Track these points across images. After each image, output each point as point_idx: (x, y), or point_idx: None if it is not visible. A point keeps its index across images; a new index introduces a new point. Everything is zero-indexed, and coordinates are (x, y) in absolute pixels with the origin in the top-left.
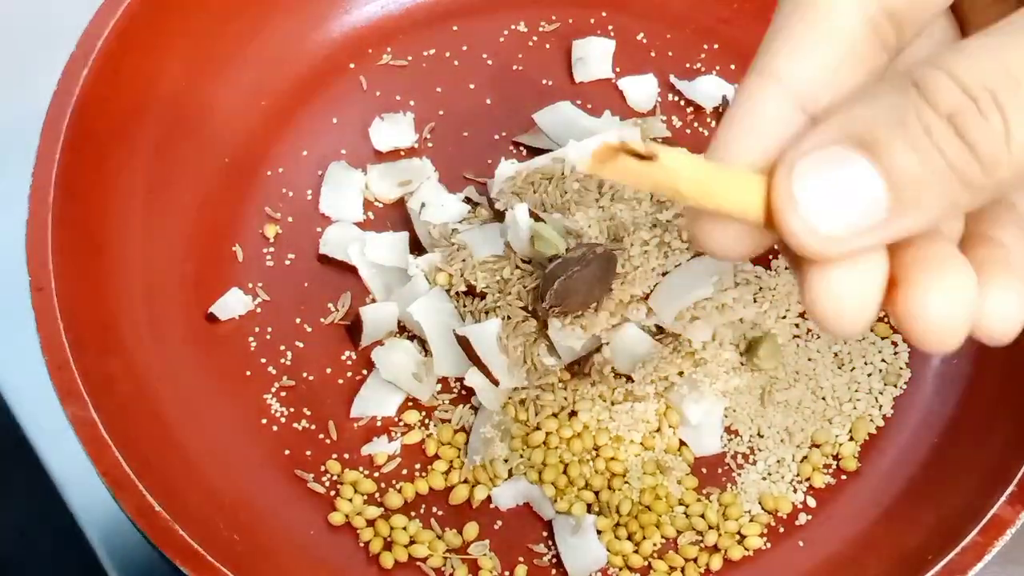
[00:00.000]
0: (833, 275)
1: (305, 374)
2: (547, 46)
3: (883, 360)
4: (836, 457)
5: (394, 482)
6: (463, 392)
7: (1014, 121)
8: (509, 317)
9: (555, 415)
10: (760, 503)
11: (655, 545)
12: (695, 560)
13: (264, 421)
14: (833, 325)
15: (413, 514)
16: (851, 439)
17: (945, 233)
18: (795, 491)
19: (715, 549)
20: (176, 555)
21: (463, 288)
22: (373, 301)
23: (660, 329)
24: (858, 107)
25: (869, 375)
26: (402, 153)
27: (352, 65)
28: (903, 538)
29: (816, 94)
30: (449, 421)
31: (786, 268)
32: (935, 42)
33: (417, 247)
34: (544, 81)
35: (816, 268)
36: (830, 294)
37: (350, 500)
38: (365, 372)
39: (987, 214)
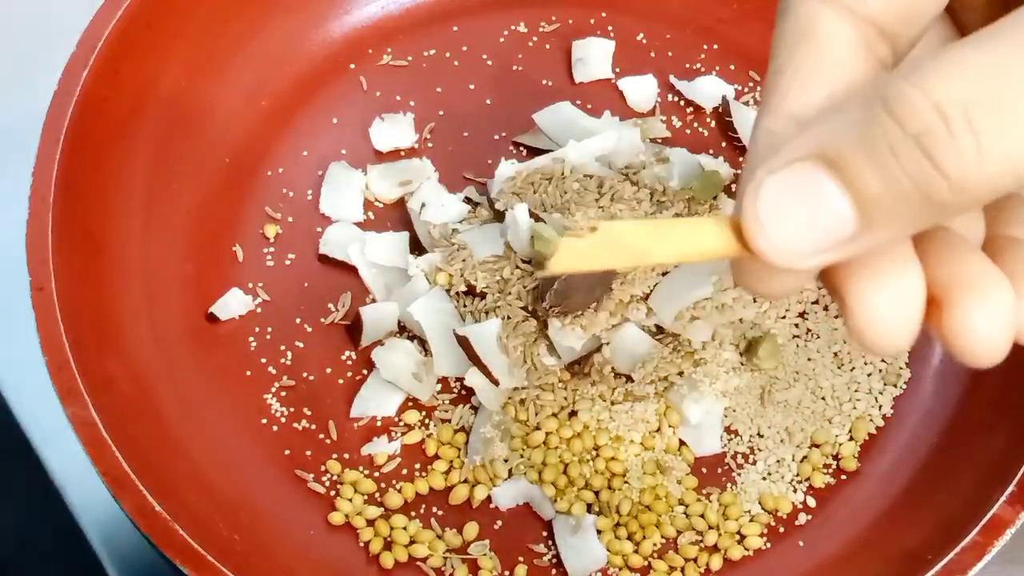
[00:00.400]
0: (873, 301)
1: (305, 374)
2: (547, 46)
3: (883, 360)
4: (836, 457)
5: (394, 482)
6: (463, 392)
7: (987, 140)
8: (509, 317)
9: (555, 415)
10: (760, 503)
11: (655, 545)
12: (695, 560)
13: (264, 421)
14: (878, 347)
15: (413, 514)
16: (851, 439)
17: (970, 238)
18: (795, 491)
19: (715, 549)
20: (176, 555)
21: (463, 288)
22: (373, 301)
23: (660, 329)
24: (826, 124)
25: (869, 375)
26: (402, 153)
27: (352, 65)
28: (903, 538)
29: None
30: (449, 421)
31: None
32: (930, 45)
33: (417, 247)
34: (544, 81)
35: (856, 296)
36: (872, 319)
37: (350, 500)
38: (365, 372)
39: (1007, 214)
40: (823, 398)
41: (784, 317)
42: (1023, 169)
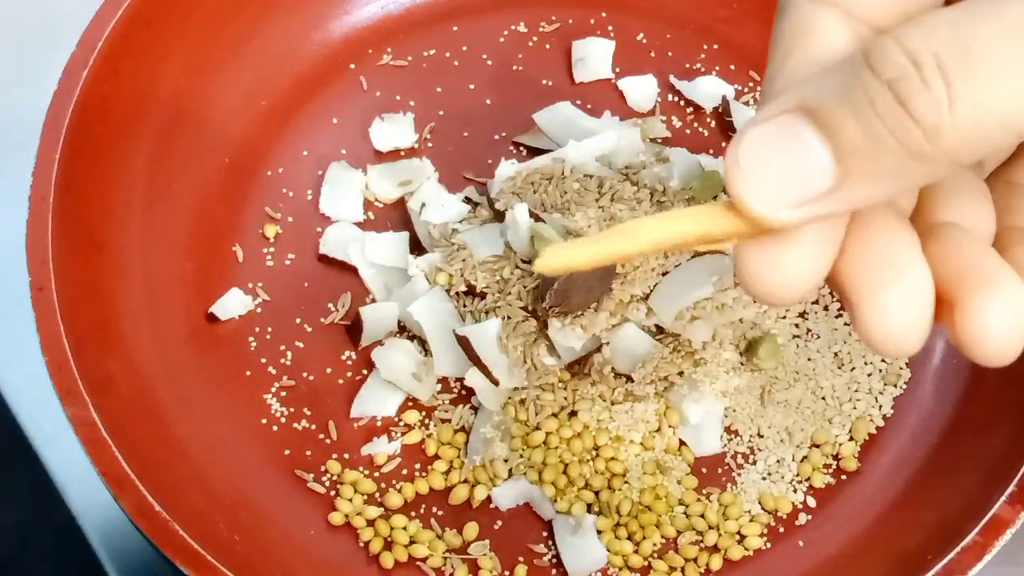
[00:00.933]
0: (881, 301)
1: (305, 374)
2: (547, 46)
3: (883, 360)
4: (836, 457)
5: (394, 482)
6: (463, 392)
7: (958, 88)
8: (509, 317)
9: (555, 415)
10: (760, 503)
11: (655, 545)
12: (695, 560)
13: (264, 421)
14: (889, 349)
15: (413, 514)
16: (851, 439)
17: (981, 234)
18: (795, 491)
19: (715, 549)
20: (176, 555)
21: (463, 288)
22: (373, 301)
23: (660, 329)
24: (812, 80)
25: (869, 375)
26: (402, 153)
27: (352, 65)
28: (903, 538)
29: None
30: (449, 421)
31: None
32: None
33: (417, 247)
34: (544, 81)
35: (864, 297)
36: (881, 320)
37: (350, 500)
38: (365, 372)
39: (1016, 203)
40: (823, 398)
41: (784, 317)
42: (997, 122)
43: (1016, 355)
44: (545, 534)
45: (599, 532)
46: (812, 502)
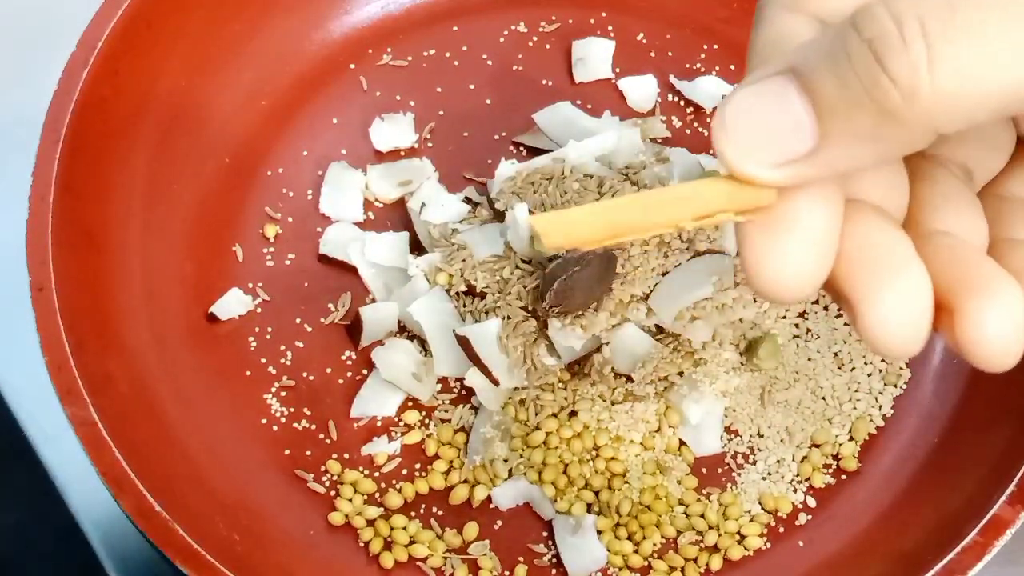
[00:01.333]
0: (880, 300)
1: (305, 374)
2: (547, 46)
3: (883, 360)
4: (836, 457)
5: (394, 482)
6: (463, 392)
7: (939, 50)
8: (509, 317)
9: (555, 415)
10: (760, 503)
11: (655, 545)
12: (695, 560)
13: (264, 421)
14: (891, 349)
15: (413, 514)
16: (851, 439)
17: (974, 242)
18: (795, 491)
19: (715, 549)
20: (176, 555)
21: (463, 288)
22: (373, 301)
23: (660, 329)
24: (802, 45)
25: (869, 375)
26: (402, 153)
27: (352, 65)
28: (903, 538)
29: None
30: (449, 421)
31: None
32: None
33: (417, 247)
34: (544, 81)
35: (863, 298)
36: (882, 320)
37: (350, 500)
38: (365, 372)
39: (1008, 216)
40: (823, 398)
41: (784, 317)
42: (977, 90)
43: (1016, 360)
44: (545, 534)
45: (599, 532)
46: (812, 502)
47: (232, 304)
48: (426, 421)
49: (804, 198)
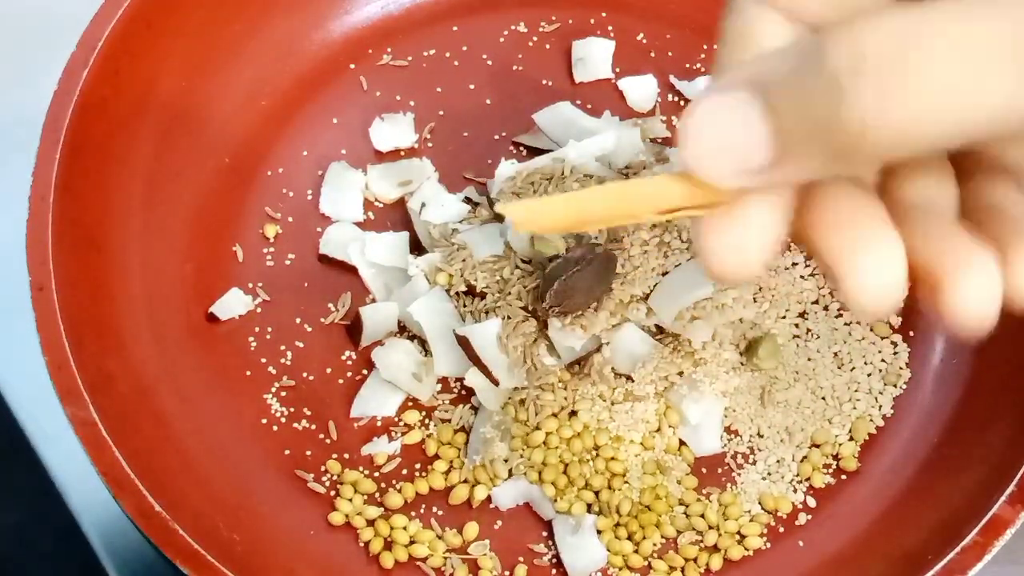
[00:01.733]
0: (860, 265)
1: (305, 374)
2: (547, 46)
3: (883, 360)
4: (836, 457)
5: (394, 482)
6: (463, 392)
7: (891, 88)
8: (509, 317)
9: (555, 415)
10: (760, 503)
11: (655, 545)
12: (695, 560)
13: (264, 421)
14: (869, 311)
15: (413, 514)
16: (851, 439)
17: (945, 207)
18: (795, 491)
19: (715, 549)
20: (176, 555)
21: (463, 288)
22: (373, 301)
23: (660, 329)
24: (767, 58)
25: (869, 375)
26: (402, 153)
27: (352, 65)
28: (903, 538)
29: None
30: (449, 421)
31: (785, 268)
32: None
33: (417, 247)
34: (544, 81)
35: (844, 265)
36: (862, 283)
37: (350, 500)
38: (365, 372)
39: (983, 183)
40: (823, 398)
41: (784, 317)
42: (930, 127)
43: (992, 322)
44: (545, 534)
45: (599, 532)
46: (812, 502)
47: (232, 304)
48: (426, 421)
49: (755, 198)
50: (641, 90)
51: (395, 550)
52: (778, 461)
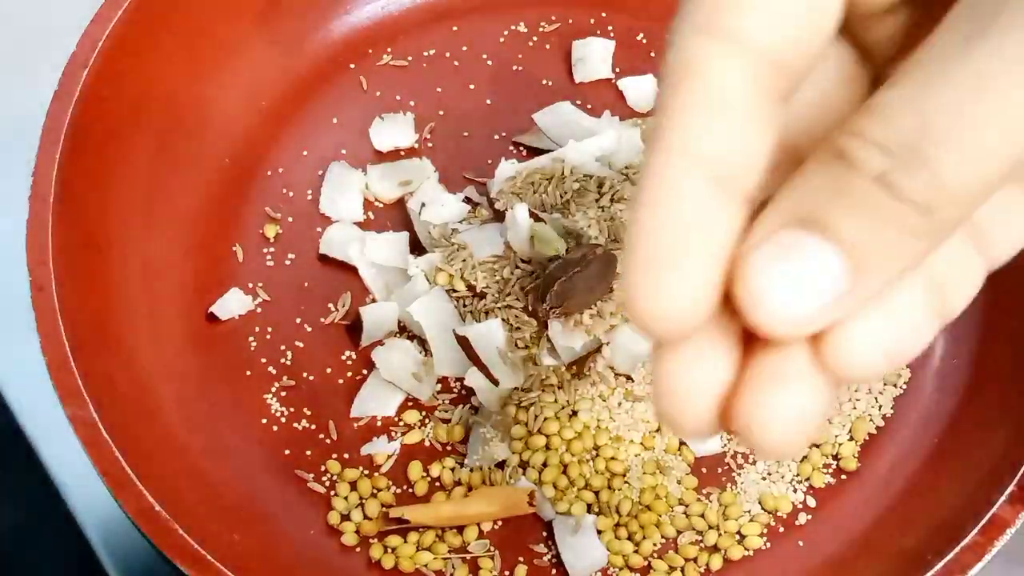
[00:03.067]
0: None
1: (305, 374)
2: (547, 46)
3: None
4: (836, 457)
5: (394, 482)
6: (463, 392)
7: (943, 167)
8: (509, 318)
9: (555, 415)
10: (760, 503)
11: (655, 545)
12: (695, 560)
13: (264, 421)
14: (769, 448)
15: None
16: (851, 439)
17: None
18: (795, 491)
19: (715, 549)
20: (176, 555)
21: (463, 288)
22: (373, 301)
23: None
24: (795, 190)
25: None
26: (402, 153)
27: (352, 65)
28: (903, 538)
29: (731, 170)
30: (449, 421)
31: None
32: (829, 80)
33: (417, 247)
34: (544, 81)
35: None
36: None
37: (348, 499)
38: (365, 372)
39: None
40: None
41: None
42: (990, 174)
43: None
44: (545, 534)
45: (599, 532)
46: (812, 502)
47: (232, 304)
48: (426, 421)
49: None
50: (641, 90)
51: (396, 550)
52: (778, 461)
